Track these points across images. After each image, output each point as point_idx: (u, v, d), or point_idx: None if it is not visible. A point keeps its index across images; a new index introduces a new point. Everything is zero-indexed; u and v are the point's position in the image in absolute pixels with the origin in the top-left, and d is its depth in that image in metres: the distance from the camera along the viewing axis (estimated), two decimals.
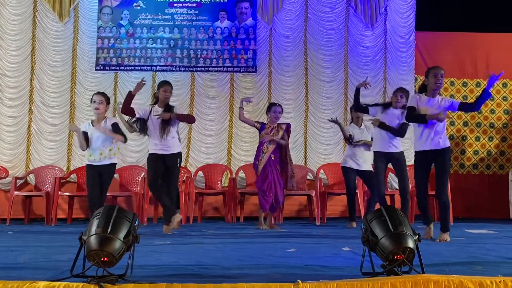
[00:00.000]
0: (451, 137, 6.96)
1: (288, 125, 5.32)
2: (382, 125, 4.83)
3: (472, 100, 7.29)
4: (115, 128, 4.62)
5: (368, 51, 7.17)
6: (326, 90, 7.09)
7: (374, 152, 4.97)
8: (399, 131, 4.83)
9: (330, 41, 7.15)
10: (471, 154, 7.24)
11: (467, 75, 7.31)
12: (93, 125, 4.69)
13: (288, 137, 5.26)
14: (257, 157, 5.16)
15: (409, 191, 4.89)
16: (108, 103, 4.74)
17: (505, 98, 7.33)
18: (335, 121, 5.65)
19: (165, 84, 4.89)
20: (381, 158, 4.86)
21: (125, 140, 4.70)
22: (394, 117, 4.87)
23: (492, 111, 7.30)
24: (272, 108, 5.27)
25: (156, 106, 4.80)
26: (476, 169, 7.22)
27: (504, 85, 7.35)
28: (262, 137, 5.16)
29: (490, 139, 7.27)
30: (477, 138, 7.28)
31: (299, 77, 7.09)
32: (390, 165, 5.11)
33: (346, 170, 5.58)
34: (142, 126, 4.77)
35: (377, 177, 4.92)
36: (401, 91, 4.94)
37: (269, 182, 5.05)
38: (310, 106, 7.06)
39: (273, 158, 5.08)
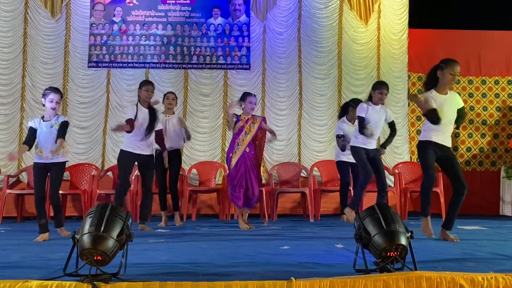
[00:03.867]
0: None
1: (264, 118, 5.13)
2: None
3: (465, 98, 7.35)
4: (63, 126, 4.16)
5: (361, 48, 7.18)
6: (320, 87, 7.10)
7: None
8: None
9: (324, 38, 7.15)
10: (464, 151, 7.29)
11: (459, 73, 7.34)
12: (43, 121, 4.18)
13: (265, 130, 5.03)
14: (231, 149, 4.95)
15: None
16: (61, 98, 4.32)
17: (497, 95, 7.39)
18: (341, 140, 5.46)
19: (146, 83, 4.87)
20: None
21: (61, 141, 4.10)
22: (381, 113, 4.76)
23: (485, 108, 7.35)
24: (247, 98, 4.92)
25: (139, 105, 4.78)
26: (469, 165, 7.27)
27: (496, 82, 7.40)
28: (239, 128, 4.89)
29: (483, 136, 7.32)
30: (470, 135, 7.33)
31: (293, 74, 7.09)
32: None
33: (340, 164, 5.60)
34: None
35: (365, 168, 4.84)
36: (387, 87, 4.77)
37: (240, 176, 4.85)
38: (304, 103, 7.07)
39: (247, 151, 4.88)
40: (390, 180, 6.51)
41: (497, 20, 7.30)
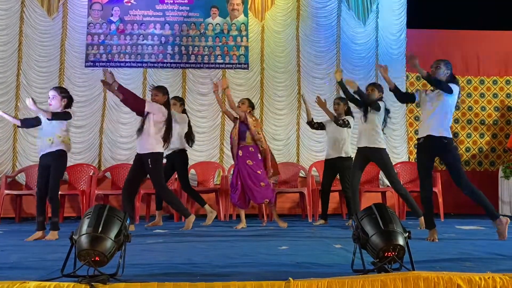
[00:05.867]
0: None
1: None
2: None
3: (463, 98, 7.37)
4: (61, 112, 4.10)
5: (360, 48, 7.19)
6: (318, 87, 7.10)
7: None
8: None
9: (322, 38, 7.15)
10: (463, 151, 7.30)
11: (458, 72, 7.35)
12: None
13: (249, 124, 4.96)
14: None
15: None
16: (63, 96, 4.24)
17: (495, 95, 7.39)
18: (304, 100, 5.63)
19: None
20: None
21: (51, 118, 4.00)
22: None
23: (483, 108, 7.36)
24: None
25: None
26: (468, 165, 7.28)
27: (495, 82, 7.41)
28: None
29: (481, 136, 7.33)
30: (469, 135, 7.34)
31: (292, 74, 7.09)
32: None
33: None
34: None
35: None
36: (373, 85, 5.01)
37: (233, 178, 5.01)
38: (302, 103, 7.05)
39: (240, 154, 4.96)
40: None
41: (496, 20, 7.31)
